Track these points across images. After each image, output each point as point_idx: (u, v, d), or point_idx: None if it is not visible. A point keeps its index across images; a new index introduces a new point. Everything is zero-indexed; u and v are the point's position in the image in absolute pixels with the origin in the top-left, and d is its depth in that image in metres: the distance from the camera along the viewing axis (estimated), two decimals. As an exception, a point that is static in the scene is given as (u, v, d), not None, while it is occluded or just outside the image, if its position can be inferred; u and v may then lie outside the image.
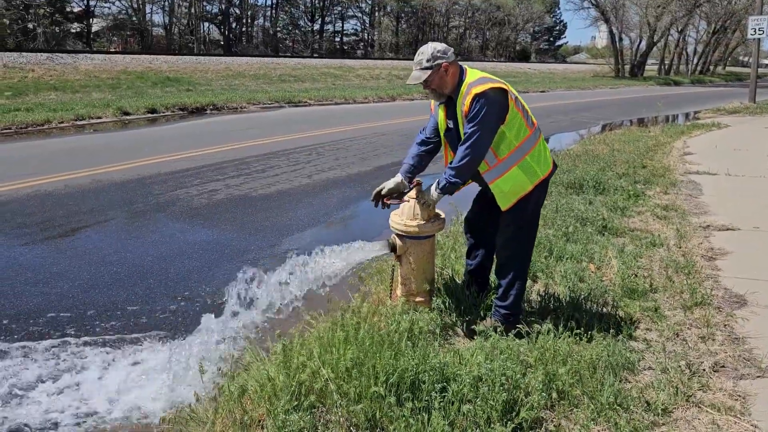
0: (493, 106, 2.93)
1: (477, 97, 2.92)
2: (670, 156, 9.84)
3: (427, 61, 3.03)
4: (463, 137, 3.02)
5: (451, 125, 3.15)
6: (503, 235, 3.20)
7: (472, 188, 3.45)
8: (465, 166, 3.01)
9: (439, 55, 3.03)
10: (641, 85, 38.50)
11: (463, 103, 2.98)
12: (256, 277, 3.23)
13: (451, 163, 3.09)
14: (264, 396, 2.51)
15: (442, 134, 3.27)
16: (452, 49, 3.11)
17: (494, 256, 3.44)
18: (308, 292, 3.30)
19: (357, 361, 2.57)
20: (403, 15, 54.50)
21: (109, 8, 40.35)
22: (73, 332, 3.64)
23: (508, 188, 3.07)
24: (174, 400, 2.92)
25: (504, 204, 3.10)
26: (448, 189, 3.13)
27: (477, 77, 3.02)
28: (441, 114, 3.21)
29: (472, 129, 2.95)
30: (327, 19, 52.67)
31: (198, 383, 2.80)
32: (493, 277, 3.56)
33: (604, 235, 5.09)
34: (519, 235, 3.17)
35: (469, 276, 3.60)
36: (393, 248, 3.40)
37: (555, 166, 3.24)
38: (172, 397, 2.95)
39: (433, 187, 3.22)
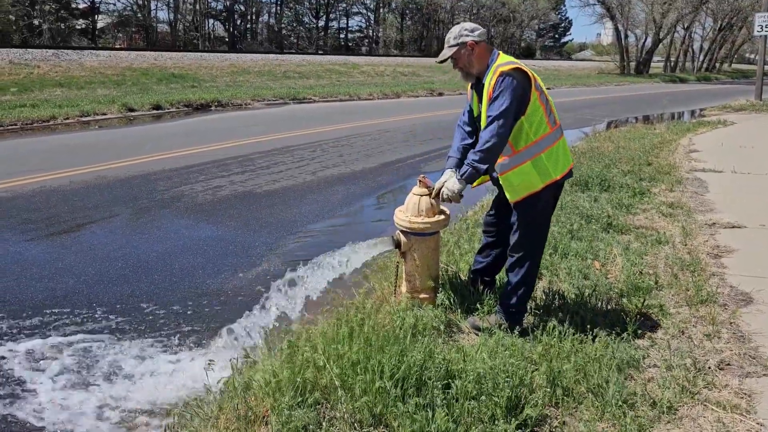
0: (517, 88, 2.89)
1: (502, 76, 2.89)
2: (676, 153, 9.80)
3: (454, 38, 3.05)
4: (485, 120, 2.97)
5: (482, 109, 3.10)
6: (514, 233, 3.16)
7: (483, 186, 3.43)
8: (489, 149, 2.92)
9: (465, 33, 3.03)
10: (647, 82, 38.33)
11: (489, 83, 2.94)
12: (259, 274, 3.25)
13: (474, 148, 3.02)
14: (268, 391, 2.51)
15: (475, 119, 3.23)
16: (483, 30, 3.08)
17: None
18: (312, 289, 3.30)
19: (362, 357, 2.57)
20: (407, 12, 54.36)
21: (114, 5, 40.75)
22: (77, 327, 3.66)
23: (518, 183, 3.04)
24: (178, 395, 2.93)
25: (512, 197, 3.08)
26: (471, 176, 3.02)
27: (507, 60, 3.00)
28: (475, 98, 3.18)
29: (495, 110, 2.89)
30: (332, 15, 52.62)
31: (202, 378, 2.81)
32: (501, 274, 3.56)
33: (609, 232, 5.08)
34: (528, 232, 3.13)
35: (475, 274, 3.59)
36: (397, 245, 3.39)
37: (571, 171, 3.17)
38: (176, 392, 2.96)
39: (456, 177, 3.08)
